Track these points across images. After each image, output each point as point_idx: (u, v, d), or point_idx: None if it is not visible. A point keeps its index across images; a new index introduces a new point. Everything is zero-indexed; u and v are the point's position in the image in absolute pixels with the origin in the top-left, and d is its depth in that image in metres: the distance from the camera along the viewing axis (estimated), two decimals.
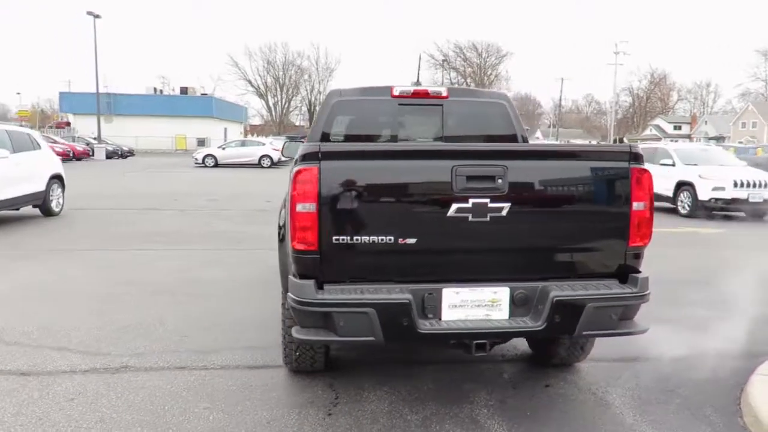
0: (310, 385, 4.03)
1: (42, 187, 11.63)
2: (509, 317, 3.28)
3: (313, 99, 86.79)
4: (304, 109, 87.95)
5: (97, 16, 42.54)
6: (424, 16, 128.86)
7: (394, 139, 5.06)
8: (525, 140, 5.20)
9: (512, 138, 5.04)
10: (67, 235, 10.12)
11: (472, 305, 3.26)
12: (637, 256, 3.38)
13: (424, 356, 4.59)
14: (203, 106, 62.19)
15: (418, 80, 5.32)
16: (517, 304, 3.28)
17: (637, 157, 3.31)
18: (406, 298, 3.09)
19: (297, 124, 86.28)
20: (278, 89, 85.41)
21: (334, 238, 3.12)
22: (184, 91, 66.57)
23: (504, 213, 3.17)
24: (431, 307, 3.23)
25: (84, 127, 53.68)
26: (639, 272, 3.38)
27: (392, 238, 3.15)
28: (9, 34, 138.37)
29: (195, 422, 3.49)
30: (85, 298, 6.07)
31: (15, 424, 3.43)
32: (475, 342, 3.26)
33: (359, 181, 3.15)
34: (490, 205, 3.15)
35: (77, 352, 4.56)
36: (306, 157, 3.12)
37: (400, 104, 5.00)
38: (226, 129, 65.00)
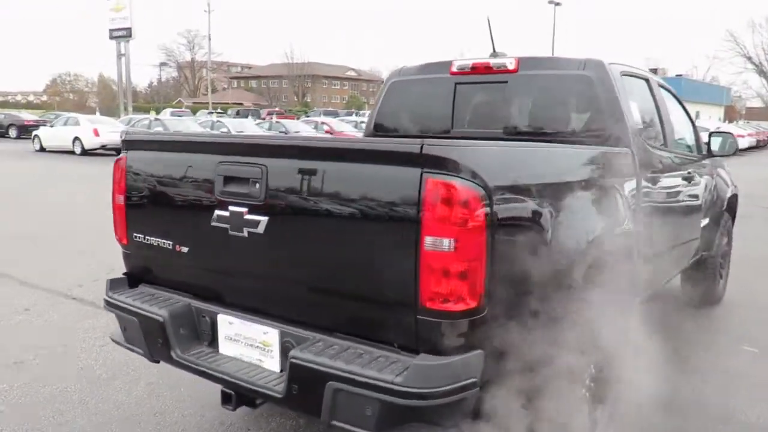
0: None
1: None
2: (281, 371, 2.41)
3: None
4: None
5: (557, 4, 44.21)
6: None
7: (447, 130, 3.98)
8: None
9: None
10: None
11: (246, 343, 2.51)
12: (454, 327, 2.00)
13: None
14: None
15: (494, 50, 4.00)
16: (287, 355, 2.37)
17: (441, 163, 1.94)
18: (160, 315, 2.61)
19: None
20: None
21: (133, 235, 2.87)
22: (653, 72, 63.30)
23: (260, 229, 2.34)
24: (206, 333, 2.64)
25: None
26: (447, 355, 2.00)
27: (171, 243, 2.70)
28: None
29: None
30: None
31: (60, 335, 4.33)
32: (221, 390, 2.51)
33: (149, 175, 2.80)
34: (247, 217, 2.37)
35: None
36: (122, 146, 2.93)
37: (457, 83, 3.91)
38: (698, 112, 59.03)
